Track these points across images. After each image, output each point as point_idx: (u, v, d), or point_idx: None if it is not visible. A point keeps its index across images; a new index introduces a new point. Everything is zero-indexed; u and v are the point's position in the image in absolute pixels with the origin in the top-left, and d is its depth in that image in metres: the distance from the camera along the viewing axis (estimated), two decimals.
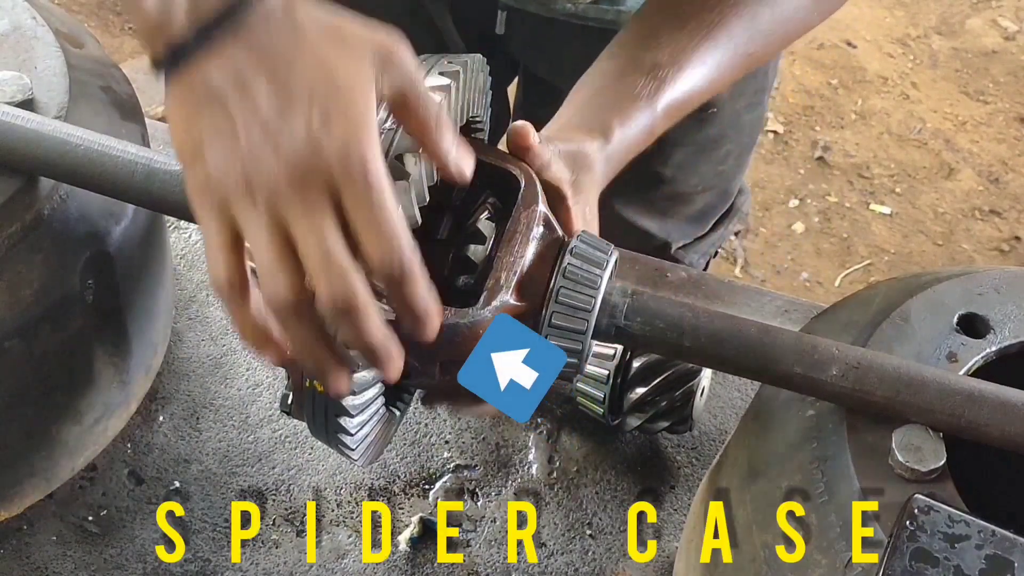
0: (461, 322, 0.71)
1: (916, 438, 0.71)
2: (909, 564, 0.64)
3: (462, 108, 0.76)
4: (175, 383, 1.11)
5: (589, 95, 0.92)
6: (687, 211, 1.38)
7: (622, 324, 0.76)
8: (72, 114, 0.93)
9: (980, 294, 0.80)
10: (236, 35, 0.64)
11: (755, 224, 2.89)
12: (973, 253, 2.87)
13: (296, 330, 0.64)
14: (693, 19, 0.92)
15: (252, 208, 0.62)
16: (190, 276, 1.19)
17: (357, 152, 0.61)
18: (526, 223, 0.75)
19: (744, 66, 0.96)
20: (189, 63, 0.64)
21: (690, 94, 0.92)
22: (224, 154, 0.63)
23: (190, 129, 0.64)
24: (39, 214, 0.89)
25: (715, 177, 1.35)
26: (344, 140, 0.62)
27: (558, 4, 1.18)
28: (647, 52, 0.92)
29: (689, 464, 1.09)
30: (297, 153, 0.61)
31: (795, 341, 0.75)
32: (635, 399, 1.03)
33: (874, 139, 3.13)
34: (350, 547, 1.01)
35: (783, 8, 0.96)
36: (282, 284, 0.62)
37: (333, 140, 0.62)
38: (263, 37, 0.64)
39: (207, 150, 0.63)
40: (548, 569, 1.01)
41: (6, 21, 0.98)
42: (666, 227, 1.37)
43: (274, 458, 1.06)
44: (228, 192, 0.63)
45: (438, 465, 1.07)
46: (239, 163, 0.62)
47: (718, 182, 1.37)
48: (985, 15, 3.53)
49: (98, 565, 0.99)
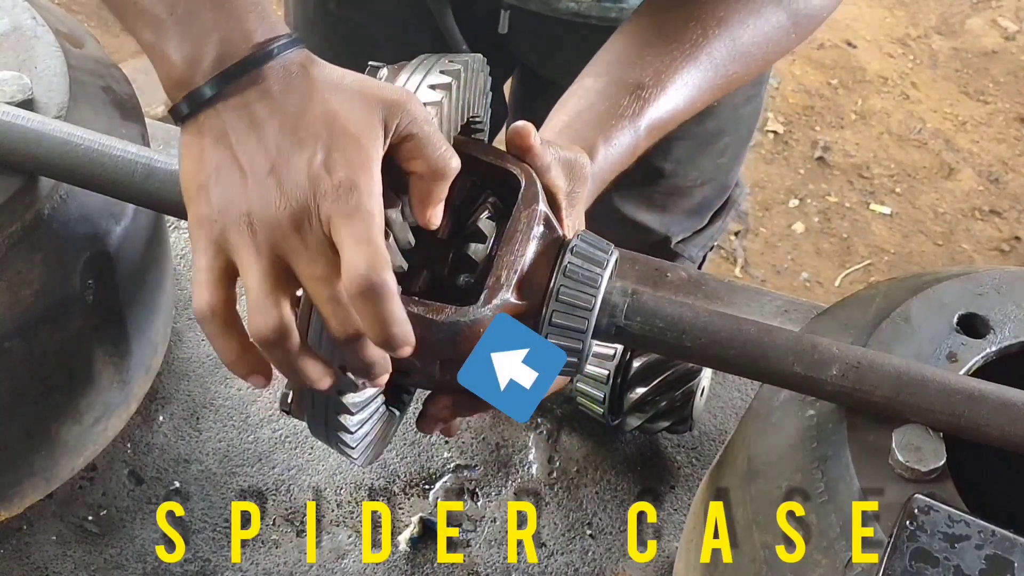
0: (462, 320, 0.71)
1: (916, 438, 0.71)
2: (909, 564, 0.64)
3: (462, 107, 0.76)
4: (175, 383, 1.11)
5: (573, 114, 0.93)
6: (686, 205, 1.38)
7: (622, 323, 0.76)
8: (72, 114, 0.93)
9: (980, 294, 0.80)
10: (254, 83, 0.67)
11: (755, 224, 2.89)
12: (973, 253, 2.87)
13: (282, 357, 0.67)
14: (676, 40, 0.94)
15: (251, 244, 0.65)
16: (190, 276, 1.18)
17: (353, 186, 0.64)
18: (527, 222, 0.75)
19: (724, 87, 0.98)
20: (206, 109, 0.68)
21: (672, 113, 0.94)
22: (229, 191, 0.66)
23: (200, 167, 0.68)
24: (39, 214, 0.89)
25: (714, 170, 1.36)
26: (343, 177, 0.64)
27: (561, 3, 1.18)
28: (631, 71, 0.93)
29: (689, 464, 1.09)
30: (299, 191, 0.64)
31: (795, 341, 0.75)
32: (635, 399, 1.03)
33: (874, 139, 3.13)
34: (350, 547, 1.01)
35: (763, 30, 0.97)
36: (272, 318, 0.65)
37: (334, 178, 0.64)
38: (278, 86, 0.68)
39: (212, 187, 0.67)
40: (548, 569, 1.01)
41: (6, 21, 0.98)
42: (665, 221, 1.38)
43: (274, 458, 1.06)
44: (228, 227, 0.66)
45: (438, 465, 1.07)
46: (243, 200, 0.65)
47: (717, 175, 1.37)
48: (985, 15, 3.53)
49: (98, 565, 0.98)
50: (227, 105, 0.67)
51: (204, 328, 0.68)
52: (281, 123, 0.66)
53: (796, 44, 1.02)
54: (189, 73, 0.69)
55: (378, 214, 0.65)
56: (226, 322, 0.67)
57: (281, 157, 0.65)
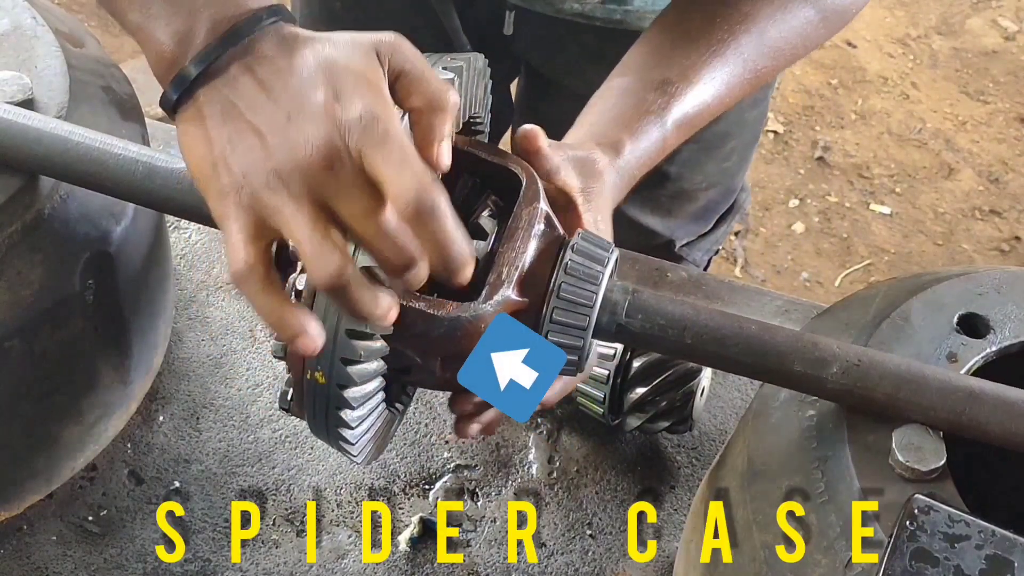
0: (463, 316, 0.71)
1: (916, 438, 0.71)
2: (909, 564, 0.64)
3: (463, 106, 0.76)
4: (175, 383, 1.11)
5: (600, 113, 0.93)
6: (691, 208, 1.38)
7: (623, 321, 0.76)
8: (72, 114, 0.93)
9: (980, 294, 0.80)
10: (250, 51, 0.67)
11: (755, 224, 2.89)
12: (973, 253, 2.87)
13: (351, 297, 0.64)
14: (702, 37, 0.94)
15: (288, 198, 0.63)
16: (190, 276, 1.19)
17: (374, 116, 0.63)
18: (527, 220, 0.75)
19: (753, 82, 0.98)
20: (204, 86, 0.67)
21: (700, 109, 0.94)
22: (250, 155, 0.64)
23: (209, 147, 0.66)
24: (39, 214, 0.89)
25: (719, 174, 1.36)
26: (361, 109, 0.63)
27: (566, 4, 1.18)
28: (657, 69, 0.93)
29: (689, 464, 1.09)
30: (323, 131, 0.63)
31: (796, 339, 0.75)
32: (635, 399, 1.03)
33: (874, 139, 3.13)
34: (350, 547, 1.01)
35: (791, 25, 0.97)
36: (335, 260, 0.63)
37: (352, 111, 0.63)
38: (274, 50, 0.67)
39: (230, 157, 0.65)
40: (548, 569, 1.01)
41: (6, 21, 0.98)
42: (670, 225, 1.38)
43: (274, 458, 1.06)
44: (258, 189, 0.64)
45: (438, 465, 1.07)
46: (267, 160, 0.64)
47: (722, 179, 1.37)
48: (985, 15, 3.53)
49: (98, 565, 0.98)
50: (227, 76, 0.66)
51: (243, 289, 0.65)
52: (286, 79, 0.65)
53: (826, 38, 1.02)
54: (181, 52, 0.68)
55: (405, 135, 0.64)
56: (265, 279, 0.65)
57: (295, 106, 0.64)
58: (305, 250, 0.63)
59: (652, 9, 1.18)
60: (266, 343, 1.14)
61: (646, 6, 1.18)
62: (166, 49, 0.69)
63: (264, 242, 0.65)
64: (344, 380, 0.69)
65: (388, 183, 0.62)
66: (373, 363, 0.70)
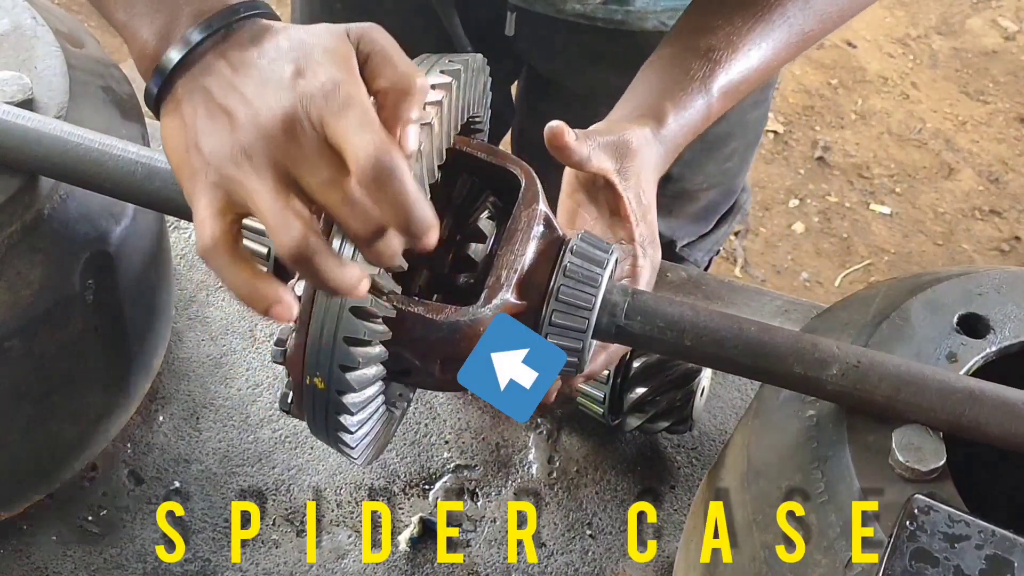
0: (462, 320, 0.71)
1: (916, 438, 0.71)
2: (909, 564, 0.64)
3: (462, 107, 0.76)
4: (175, 383, 1.11)
5: (644, 83, 0.93)
6: (692, 209, 1.38)
7: (622, 323, 0.76)
8: (72, 114, 0.93)
9: (980, 294, 0.80)
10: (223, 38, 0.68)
11: (755, 224, 2.89)
12: (973, 253, 2.87)
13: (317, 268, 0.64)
14: (747, 3, 0.94)
15: (251, 169, 0.63)
16: (190, 276, 1.19)
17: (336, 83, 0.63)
18: (527, 222, 0.75)
19: (800, 45, 0.97)
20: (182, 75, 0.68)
21: (746, 75, 0.94)
22: (218, 135, 0.65)
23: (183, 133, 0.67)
24: (39, 214, 0.89)
25: (720, 175, 1.36)
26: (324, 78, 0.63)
27: (567, 4, 1.18)
28: (701, 37, 0.93)
29: (689, 464, 1.09)
30: (284, 100, 0.63)
31: (795, 340, 0.75)
32: (635, 399, 1.03)
33: (874, 139, 3.13)
34: (350, 547, 1.01)
35: None
36: (296, 229, 0.62)
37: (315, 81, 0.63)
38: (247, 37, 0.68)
39: (201, 139, 0.65)
40: (548, 569, 1.01)
41: (6, 21, 0.98)
42: (671, 225, 1.38)
43: (274, 458, 1.06)
44: (223, 165, 0.64)
45: (438, 465, 1.07)
46: (234, 137, 0.64)
47: (723, 180, 1.37)
48: (985, 15, 3.53)
49: (98, 565, 0.98)
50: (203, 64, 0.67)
51: (211, 264, 0.65)
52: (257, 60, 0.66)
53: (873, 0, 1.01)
54: (162, 47, 0.69)
55: (369, 103, 0.63)
56: (231, 252, 0.65)
57: (261, 82, 0.65)
58: (267, 220, 0.63)
59: (653, 9, 1.18)
60: (266, 343, 1.14)
61: (647, 6, 1.18)
62: (149, 45, 0.70)
63: (231, 215, 0.65)
64: (343, 386, 0.69)
65: (347, 147, 0.62)
66: (372, 368, 0.70)
